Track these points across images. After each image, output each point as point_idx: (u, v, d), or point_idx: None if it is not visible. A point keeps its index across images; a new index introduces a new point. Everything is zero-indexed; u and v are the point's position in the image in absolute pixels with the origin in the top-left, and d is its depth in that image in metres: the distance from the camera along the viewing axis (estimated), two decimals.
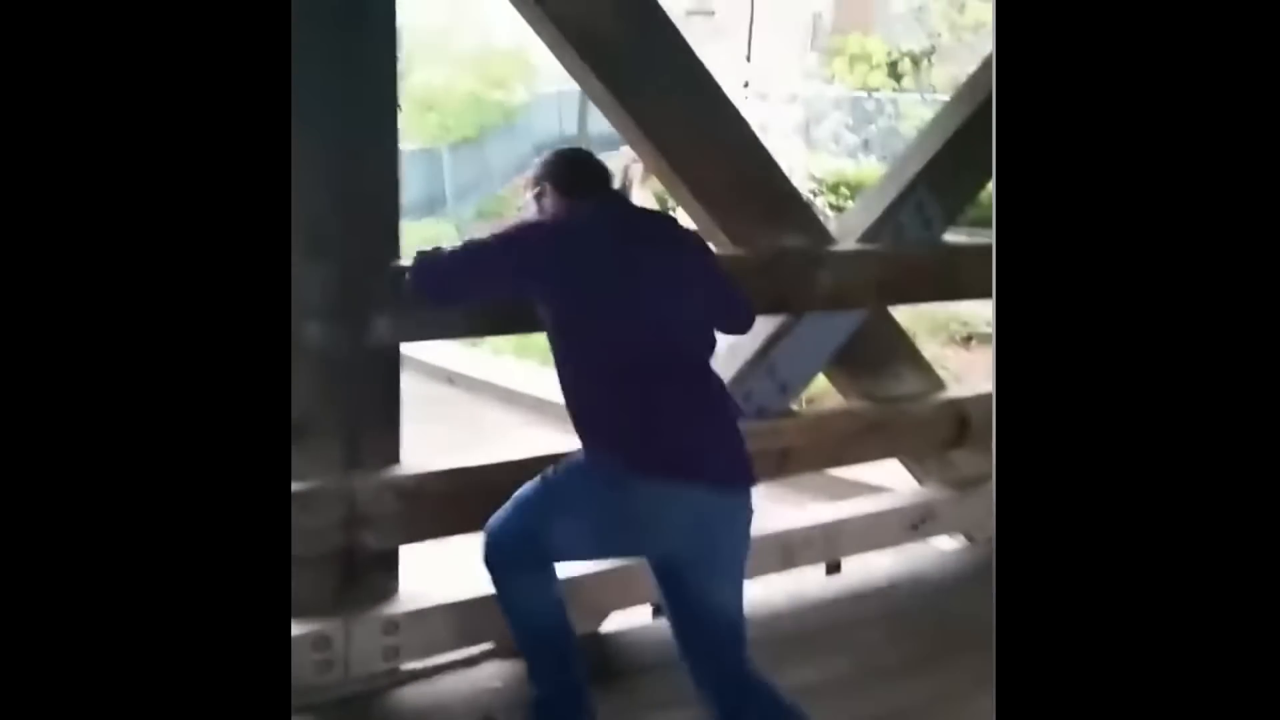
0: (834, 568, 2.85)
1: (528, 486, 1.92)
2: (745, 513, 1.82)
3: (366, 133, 1.97)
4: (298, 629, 2.03)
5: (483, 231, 1.93)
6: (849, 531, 2.73)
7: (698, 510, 1.75)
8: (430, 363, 7.00)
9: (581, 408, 1.82)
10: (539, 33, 2.21)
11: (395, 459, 2.12)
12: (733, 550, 1.84)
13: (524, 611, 1.93)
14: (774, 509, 3.49)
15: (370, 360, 2.03)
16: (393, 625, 2.11)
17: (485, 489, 2.18)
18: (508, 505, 1.93)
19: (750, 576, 2.63)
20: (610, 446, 1.78)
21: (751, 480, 1.81)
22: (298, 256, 1.90)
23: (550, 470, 1.91)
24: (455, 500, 2.15)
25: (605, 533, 1.83)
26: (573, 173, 1.93)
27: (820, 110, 12.34)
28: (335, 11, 1.87)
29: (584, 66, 2.22)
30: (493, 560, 1.92)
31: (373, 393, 2.07)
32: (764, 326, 2.63)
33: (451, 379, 7.29)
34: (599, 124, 2.66)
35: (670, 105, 2.31)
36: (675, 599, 1.85)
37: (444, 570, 2.42)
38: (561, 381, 1.84)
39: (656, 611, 2.45)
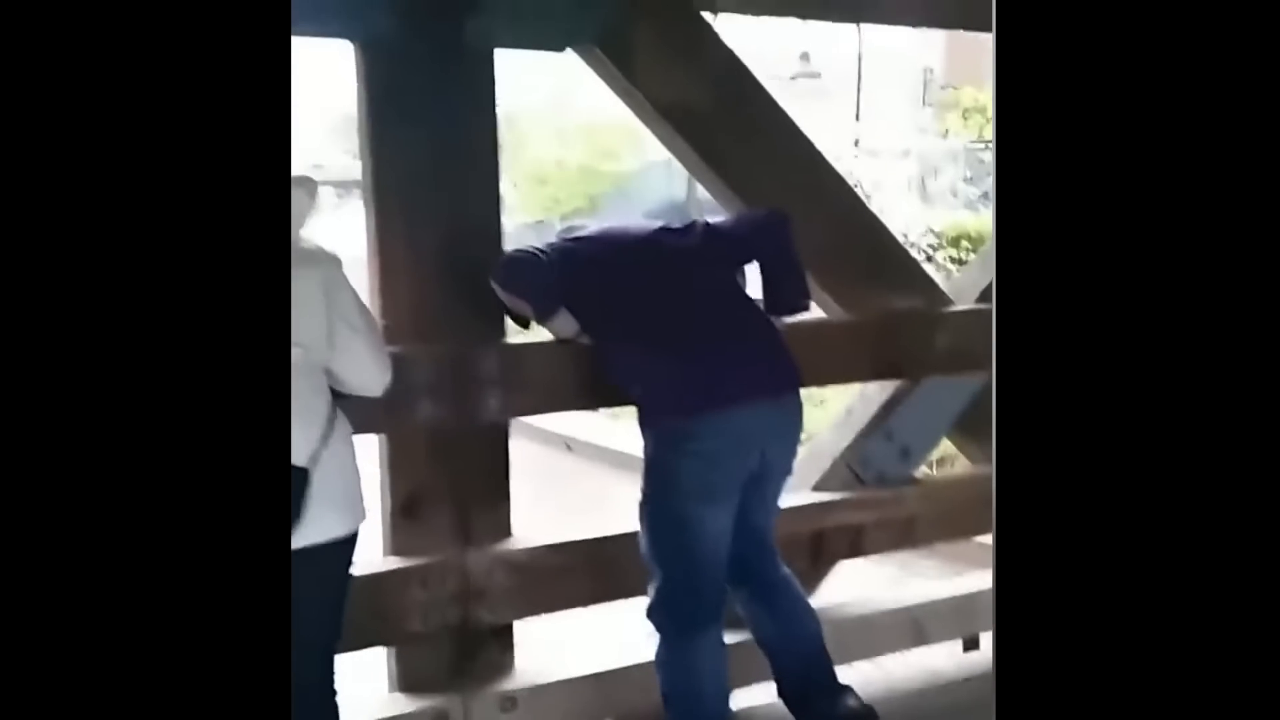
0: (972, 644, 2.68)
1: (646, 541, 1.91)
2: (795, 417, 1.96)
3: (472, 214, 2.02)
4: (416, 704, 2.04)
5: None
6: (987, 604, 2.57)
7: (754, 425, 1.86)
8: (547, 429, 7.08)
9: (639, 392, 1.90)
10: (635, 111, 2.25)
11: (507, 533, 2.13)
12: (785, 455, 1.97)
13: (686, 677, 1.89)
14: (904, 580, 3.35)
15: (480, 436, 2.07)
16: (510, 701, 2.10)
17: (597, 561, 2.18)
18: (650, 564, 1.91)
19: (879, 653, 2.54)
20: (669, 409, 1.86)
21: (796, 386, 1.94)
22: (411, 335, 2.02)
23: (641, 502, 1.90)
24: (567, 573, 2.15)
25: (710, 483, 1.85)
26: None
27: (936, 164, 12.14)
28: (437, 100, 1.95)
29: (678, 140, 2.25)
30: (659, 614, 1.90)
31: (483, 467, 2.09)
32: (879, 391, 2.55)
33: (569, 445, 7.34)
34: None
35: (765, 172, 2.30)
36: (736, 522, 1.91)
37: (562, 645, 2.41)
38: (619, 381, 1.93)
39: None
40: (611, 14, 2.07)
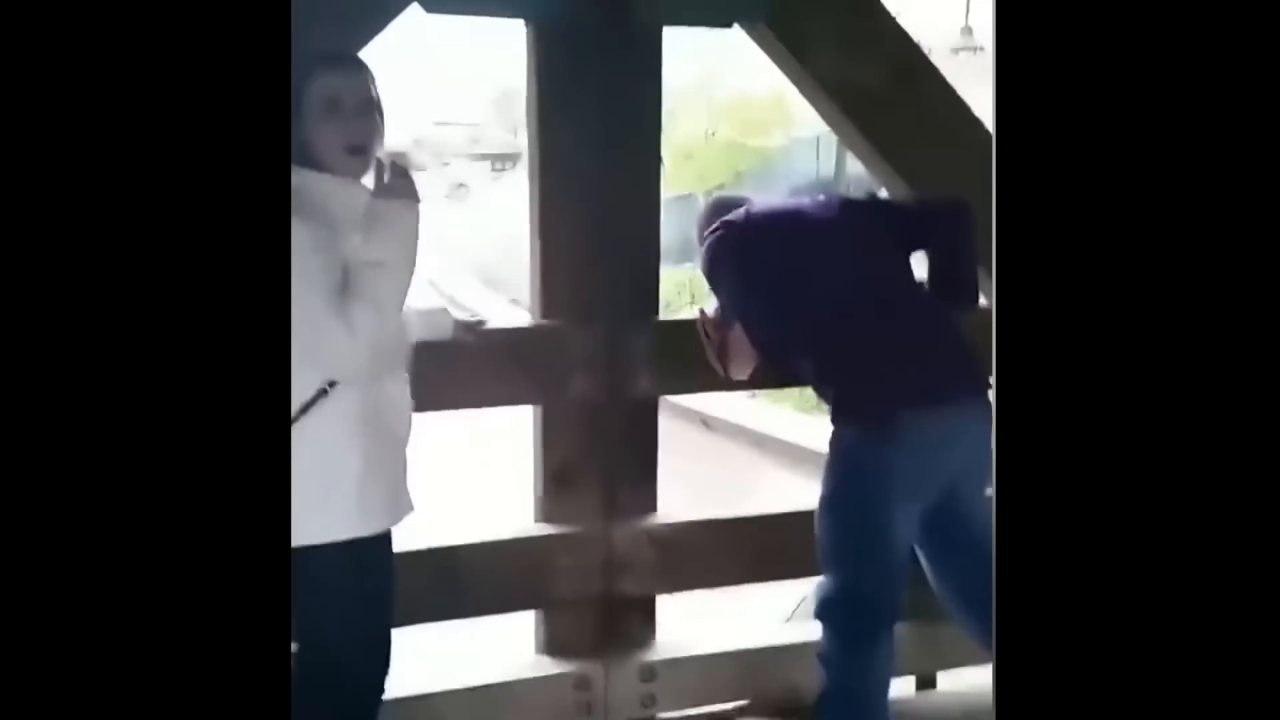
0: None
1: (829, 539, 1.82)
2: (989, 420, 1.79)
3: (632, 191, 2.04)
4: (560, 668, 2.12)
5: None
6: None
7: (955, 425, 1.76)
8: (685, 405, 7.13)
9: (832, 384, 1.83)
10: (799, 87, 2.21)
11: (653, 508, 2.17)
12: (984, 458, 1.82)
13: (855, 680, 1.80)
14: None
15: (630, 412, 2.10)
16: (650, 671, 2.14)
17: (740, 541, 2.19)
18: (829, 564, 1.83)
19: None
20: (870, 404, 1.77)
21: (983, 388, 1.79)
22: (569, 310, 2.07)
23: (826, 498, 1.82)
24: (710, 551, 2.16)
25: (912, 482, 1.76)
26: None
27: None
28: (605, 78, 1.97)
29: (843, 118, 2.19)
30: (835, 614, 1.82)
31: (632, 443, 2.13)
32: None
33: (706, 422, 7.37)
34: (857, 164, 2.62)
35: (933, 154, 2.20)
36: (944, 533, 1.84)
37: (702, 621, 2.44)
38: (800, 369, 1.87)
39: (920, 684, 2.31)
40: None
